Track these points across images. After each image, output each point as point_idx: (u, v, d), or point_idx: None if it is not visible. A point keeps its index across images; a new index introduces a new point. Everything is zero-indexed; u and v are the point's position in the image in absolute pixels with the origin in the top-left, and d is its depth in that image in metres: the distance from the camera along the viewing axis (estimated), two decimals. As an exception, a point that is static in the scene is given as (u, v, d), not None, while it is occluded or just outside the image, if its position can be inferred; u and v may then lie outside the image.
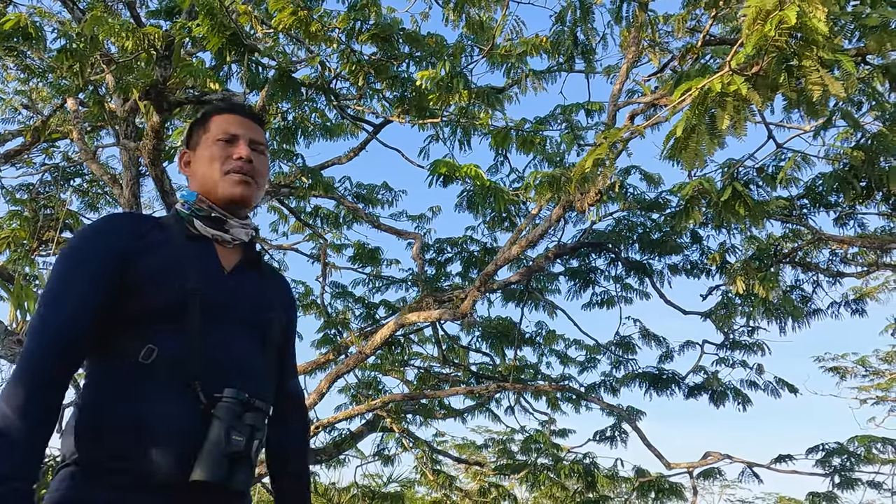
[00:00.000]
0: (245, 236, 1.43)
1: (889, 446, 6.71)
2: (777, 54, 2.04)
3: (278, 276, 1.55)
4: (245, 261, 1.41)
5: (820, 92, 2.06)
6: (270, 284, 1.46)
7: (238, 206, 1.40)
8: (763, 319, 6.81)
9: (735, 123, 2.19)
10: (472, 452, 11.12)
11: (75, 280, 1.21)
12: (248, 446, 1.21)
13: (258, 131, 1.47)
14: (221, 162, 1.40)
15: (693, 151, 2.33)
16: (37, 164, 8.13)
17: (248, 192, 1.40)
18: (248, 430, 1.21)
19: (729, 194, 3.50)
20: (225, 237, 1.39)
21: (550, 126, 5.75)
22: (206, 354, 1.23)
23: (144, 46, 5.14)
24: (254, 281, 1.41)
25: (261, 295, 1.40)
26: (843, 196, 5.82)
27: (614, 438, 7.40)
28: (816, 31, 1.88)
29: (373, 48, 5.47)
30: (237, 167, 1.39)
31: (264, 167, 1.46)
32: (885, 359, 10.04)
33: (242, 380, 1.26)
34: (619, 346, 7.67)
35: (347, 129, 7.08)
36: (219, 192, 1.38)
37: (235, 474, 1.19)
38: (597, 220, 6.26)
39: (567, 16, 4.48)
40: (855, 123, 3.81)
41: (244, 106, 1.52)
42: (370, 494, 8.06)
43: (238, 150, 1.40)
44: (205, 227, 1.37)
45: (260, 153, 1.44)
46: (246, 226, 1.43)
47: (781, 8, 1.84)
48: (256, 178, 1.42)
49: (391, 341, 7.71)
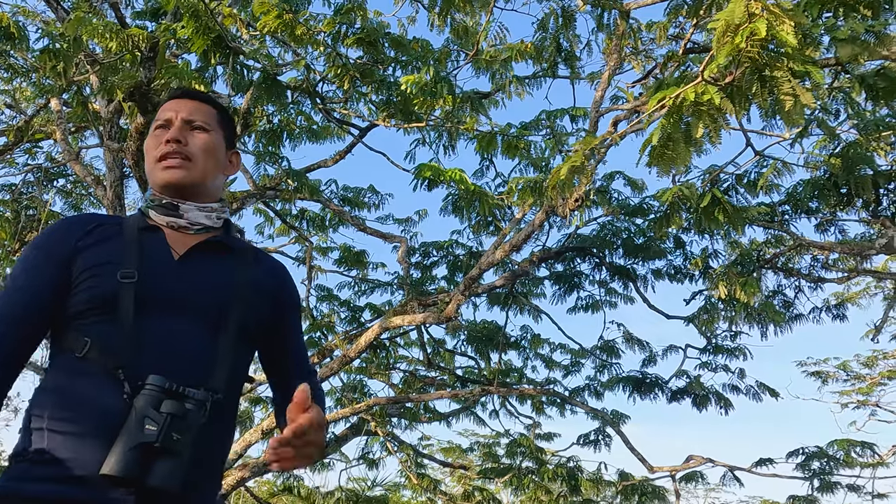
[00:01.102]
0: (208, 220, 1.39)
1: (868, 450, 6.79)
2: (750, 65, 2.08)
3: (268, 261, 1.48)
4: (204, 244, 1.36)
5: (791, 102, 2.10)
6: (248, 268, 1.39)
7: (175, 190, 1.36)
8: (745, 324, 6.89)
9: (710, 132, 2.23)
10: (458, 456, 11.13)
11: (19, 281, 1.27)
12: (165, 437, 1.12)
13: (197, 108, 1.43)
14: (154, 149, 1.38)
15: (669, 159, 2.36)
16: (19, 165, 8.07)
17: (179, 174, 1.35)
18: (163, 419, 1.12)
19: (708, 201, 3.55)
20: (180, 222, 1.36)
21: (535, 132, 5.79)
22: (136, 342, 1.20)
23: (129, 48, 5.12)
24: (214, 265, 1.35)
25: (219, 278, 1.33)
26: (824, 203, 5.90)
27: (598, 442, 7.44)
28: (786, 44, 1.92)
29: (359, 52, 5.49)
30: (164, 152, 1.36)
31: (204, 143, 1.40)
32: (866, 363, 10.16)
33: (175, 366, 1.20)
34: (604, 350, 7.72)
35: (334, 133, 7.09)
36: (155, 181, 1.38)
37: (152, 468, 1.11)
38: (581, 224, 6.30)
39: (549, 23, 4.52)
40: (830, 132, 3.88)
41: (185, 88, 1.49)
42: (354, 498, 8.05)
43: (167, 133, 1.38)
44: (157, 216, 1.36)
45: (200, 130, 1.40)
46: (210, 209, 1.39)
47: (751, 21, 1.87)
48: (192, 157, 1.37)
49: (376, 345, 7.72)
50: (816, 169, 4.79)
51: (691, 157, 2.51)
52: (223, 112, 1.49)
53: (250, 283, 1.36)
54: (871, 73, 3.67)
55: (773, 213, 6.27)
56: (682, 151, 2.32)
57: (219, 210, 1.42)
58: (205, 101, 1.46)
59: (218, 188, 1.46)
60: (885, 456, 8.13)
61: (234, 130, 1.53)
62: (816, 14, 2.61)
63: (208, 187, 1.41)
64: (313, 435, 1.17)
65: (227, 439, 1.33)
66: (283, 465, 1.18)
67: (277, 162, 6.66)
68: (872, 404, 10.26)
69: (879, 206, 6.27)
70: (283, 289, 1.46)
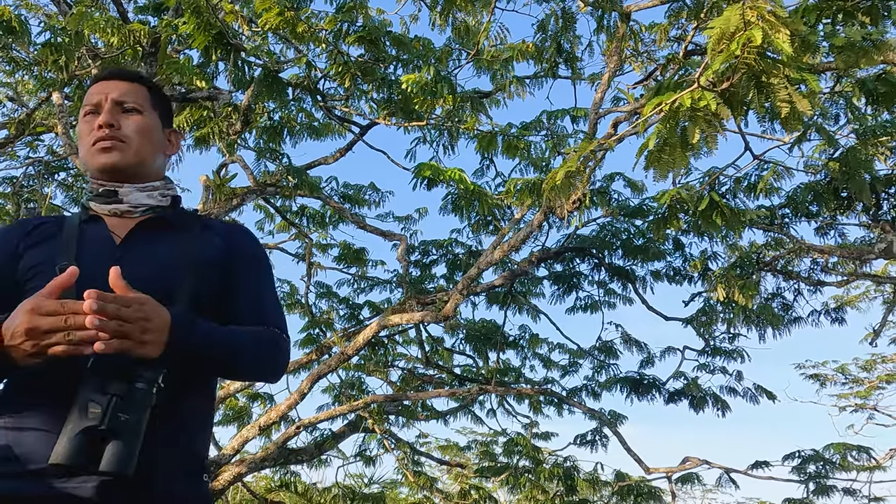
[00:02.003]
0: (150, 199, 1.35)
1: (864, 454, 6.79)
2: (746, 71, 2.09)
3: (219, 227, 1.41)
4: (146, 224, 1.32)
5: (787, 108, 2.10)
6: (195, 239, 1.33)
7: (112, 173, 1.32)
8: (743, 327, 6.89)
9: (707, 137, 2.24)
10: (456, 454, 11.14)
11: None
12: (111, 419, 1.06)
13: (128, 90, 1.37)
14: (88, 135, 1.34)
15: (666, 163, 2.36)
16: (21, 158, 8.07)
17: (114, 157, 1.31)
18: (107, 401, 1.07)
19: (706, 203, 3.55)
20: (122, 208, 1.32)
21: (535, 132, 5.79)
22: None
23: (130, 43, 5.13)
24: (158, 242, 1.31)
25: (164, 255, 1.29)
26: (825, 207, 5.90)
27: (595, 442, 7.45)
28: (782, 51, 1.92)
29: (360, 50, 5.49)
30: (97, 137, 1.32)
31: (138, 125, 1.35)
32: (865, 367, 10.15)
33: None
34: (602, 350, 7.73)
35: (335, 130, 7.09)
36: (92, 166, 1.34)
37: (107, 455, 1.05)
38: (580, 225, 6.31)
39: (549, 24, 4.51)
40: (828, 138, 3.88)
41: (112, 69, 1.42)
42: (351, 495, 8.06)
43: (98, 119, 1.33)
44: (98, 206, 1.33)
45: (131, 111, 1.35)
46: (152, 188, 1.36)
47: (746, 29, 1.88)
48: (126, 140, 1.33)
49: (375, 342, 7.73)
50: (816, 173, 4.78)
51: (688, 161, 2.51)
52: (155, 90, 1.43)
53: (196, 253, 1.31)
54: (872, 78, 3.67)
55: (772, 217, 6.27)
56: (678, 156, 2.33)
57: (162, 188, 1.37)
58: (135, 80, 1.40)
59: (160, 168, 1.42)
60: (881, 460, 8.14)
61: (169, 108, 1.48)
62: (815, 21, 2.61)
63: (147, 168, 1.37)
64: (131, 308, 1.06)
65: (198, 418, 1.27)
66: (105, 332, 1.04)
67: (278, 158, 6.67)
68: (870, 408, 10.25)
69: (880, 211, 6.27)
70: (233, 248, 1.38)
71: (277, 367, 1.34)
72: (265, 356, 1.31)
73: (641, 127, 2.54)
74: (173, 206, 1.39)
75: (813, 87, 2.14)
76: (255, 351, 1.29)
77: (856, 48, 2.47)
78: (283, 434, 7.06)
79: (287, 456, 7.41)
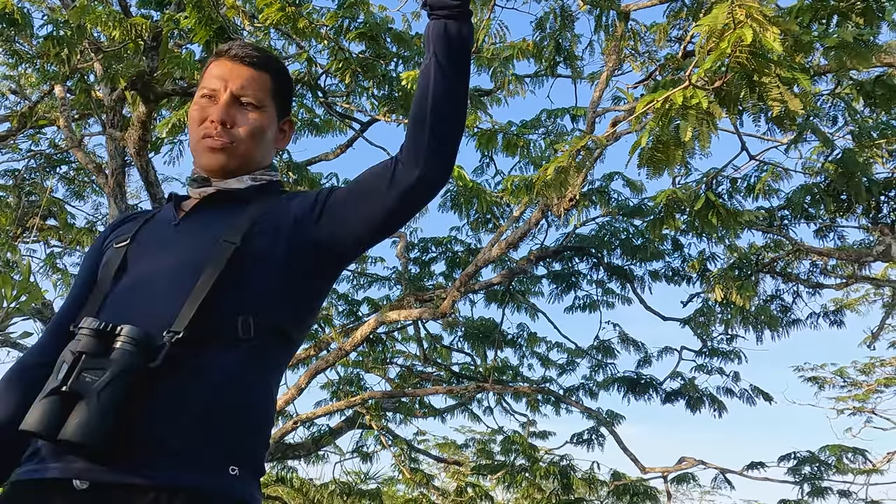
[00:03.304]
0: (240, 184, 1.26)
1: (860, 456, 6.80)
2: (739, 70, 2.09)
3: (300, 195, 1.28)
4: (213, 197, 1.25)
5: (779, 108, 2.11)
6: (262, 207, 1.22)
7: (217, 174, 1.25)
8: (741, 328, 6.90)
9: (699, 135, 2.24)
10: (454, 452, 11.16)
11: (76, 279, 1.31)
12: (74, 379, 0.97)
13: (248, 79, 1.25)
14: (198, 124, 1.25)
15: (659, 161, 2.37)
16: (23, 151, 8.11)
17: (220, 161, 1.23)
18: (72, 359, 0.98)
19: (702, 203, 3.56)
20: (209, 191, 1.25)
21: (535, 130, 5.80)
22: (103, 298, 1.15)
23: (132, 36, 5.14)
24: (216, 215, 1.22)
25: (216, 227, 1.18)
26: (824, 208, 5.90)
27: (591, 441, 7.47)
28: (772, 50, 1.93)
29: (361, 46, 5.50)
30: (209, 132, 1.23)
31: (253, 126, 1.25)
32: (864, 370, 10.15)
33: (127, 311, 1.08)
34: (599, 350, 7.74)
35: (336, 126, 7.11)
36: (197, 160, 1.27)
37: (69, 420, 0.95)
38: (579, 224, 6.31)
39: (548, 23, 4.52)
40: (824, 139, 3.88)
41: (238, 47, 1.27)
42: (348, 491, 8.09)
43: (214, 111, 1.23)
44: (191, 189, 1.28)
45: (250, 107, 1.25)
46: (251, 177, 1.28)
47: (735, 28, 1.89)
48: (237, 141, 1.23)
49: (373, 339, 7.74)
50: (816, 175, 4.79)
51: (682, 160, 2.52)
52: (279, 78, 1.30)
53: (262, 218, 1.19)
54: (870, 81, 3.67)
55: (771, 218, 6.28)
56: (671, 154, 2.34)
57: (258, 173, 1.28)
58: (260, 66, 1.27)
59: (264, 160, 1.31)
60: (878, 463, 8.14)
61: (289, 93, 1.35)
62: (808, 21, 2.61)
63: (251, 166, 1.28)
64: None
65: (223, 393, 1.05)
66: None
67: (279, 154, 6.69)
68: (868, 411, 10.24)
69: (879, 214, 6.27)
70: (311, 197, 1.24)
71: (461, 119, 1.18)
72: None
73: (634, 125, 2.55)
74: (262, 188, 1.28)
75: (805, 86, 2.14)
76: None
77: (848, 49, 2.48)
78: (281, 429, 7.08)
79: (284, 451, 7.44)
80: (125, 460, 0.98)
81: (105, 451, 0.96)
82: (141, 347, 1.00)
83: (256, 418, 1.10)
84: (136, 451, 0.99)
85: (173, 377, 1.02)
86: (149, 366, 1.00)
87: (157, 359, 1.01)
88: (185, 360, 1.03)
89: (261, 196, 1.26)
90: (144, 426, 1.00)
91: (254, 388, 1.11)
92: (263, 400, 1.13)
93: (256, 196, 1.25)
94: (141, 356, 1.00)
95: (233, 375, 1.07)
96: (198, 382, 1.04)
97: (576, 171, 2.80)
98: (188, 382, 1.04)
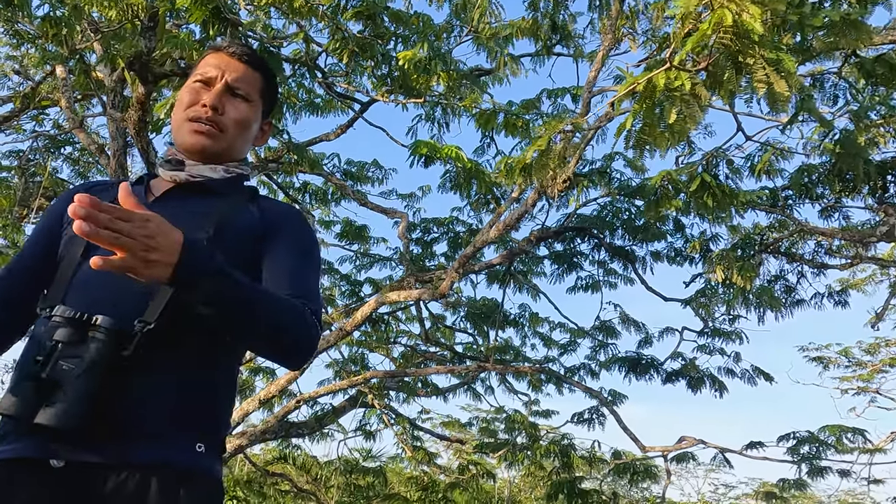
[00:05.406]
0: (213, 172, 1.29)
1: (859, 436, 6.81)
2: (724, 51, 2.06)
3: (271, 205, 1.33)
4: (184, 187, 1.28)
5: (764, 89, 2.08)
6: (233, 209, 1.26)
7: (197, 156, 1.28)
8: (742, 308, 6.88)
9: (686, 117, 2.22)
10: (459, 430, 11.27)
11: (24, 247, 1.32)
12: (52, 367, 1.01)
13: (244, 73, 1.32)
14: (188, 106, 1.29)
15: (646, 143, 2.35)
16: (26, 131, 8.14)
17: (205, 143, 1.27)
18: (49, 348, 1.02)
19: (698, 184, 3.53)
20: (181, 176, 1.28)
21: (535, 111, 5.75)
22: (69, 282, 1.17)
23: (128, 16, 5.12)
24: (189, 203, 1.25)
25: (187, 216, 1.19)
26: (829, 189, 5.84)
27: (591, 421, 7.51)
28: (753, 31, 1.90)
29: (359, 25, 5.45)
30: (199, 115, 1.27)
31: (241, 117, 1.31)
32: (868, 350, 10.13)
33: (98, 298, 1.10)
34: (601, 330, 7.75)
35: (337, 107, 7.08)
36: (179, 139, 1.30)
37: (44, 406, 0.99)
38: (579, 205, 6.29)
39: (541, 2, 4.46)
40: (821, 120, 3.83)
41: (235, 44, 1.35)
42: (351, 468, 8.20)
43: (207, 96, 1.28)
44: (163, 171, 1.30)
45: (241, 98, 1.31)
46: (225, 168, 1.31)
47: (713, 8, 1.85)
48: (224, 128, 1.28)
49: (376, 319, 7.79)
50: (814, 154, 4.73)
51: (673, 142, 2.50)
52: (269, 80, 1.38)
53: (229, 217, 1.24)
54: (871, 59, 3.61)
55: (775, 198, 6.22)
56: (657, 135, 2.31)
57: (231, 166, 1.32)
58: (255, 66, 1.35)
59: (241, 152, 1.37)
60: (881, 443, 8.15)
61: (275, 99, 1.43)
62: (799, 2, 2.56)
63: (230, 156, 1.33)
64: (138, 225, 0.96)
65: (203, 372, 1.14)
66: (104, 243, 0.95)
67: (279, 134, 6.68)
68: (873, 391, 10.23)
69: (886, 194, 6.20)
70: (273, 223, 1.28)
71: (301, 342, 1.16)
72: (289, 322, 1.13)
73: (617, 107, 2.53)
74: (231, 181, 1.33)
75: (788, 67, 2.11)
76: (279, 309, 1.13)
77: (834, 29, 2.43)
78: (284, 407, 7.17)
79: (288, 429, 7.53)
80: (99, 442, 1.05)
81: (79, 434, 1.02)
82: (114, 337, 1.05)
83: (221, 401, 1.19)
84: (110, 433, 1.06)
85: (144, 364, 1.08)
86: (121, 353, 1.06)
87: (128, 348, 1.06)
88: (156, 348, 1.09)
89: (230, 190, 1.31)
90: (117, 411, 1.06)
91: (220, 373, 1.20)
92: (228, 384, 1.22)
93: (226, 189, 1.31)
94: (114, 345, 1.05)
95: (201, 362, 1.15)
96: (167, 368, 1.11)
97: (559, 154, 2.77)
98: (158, 369, 1.10)
